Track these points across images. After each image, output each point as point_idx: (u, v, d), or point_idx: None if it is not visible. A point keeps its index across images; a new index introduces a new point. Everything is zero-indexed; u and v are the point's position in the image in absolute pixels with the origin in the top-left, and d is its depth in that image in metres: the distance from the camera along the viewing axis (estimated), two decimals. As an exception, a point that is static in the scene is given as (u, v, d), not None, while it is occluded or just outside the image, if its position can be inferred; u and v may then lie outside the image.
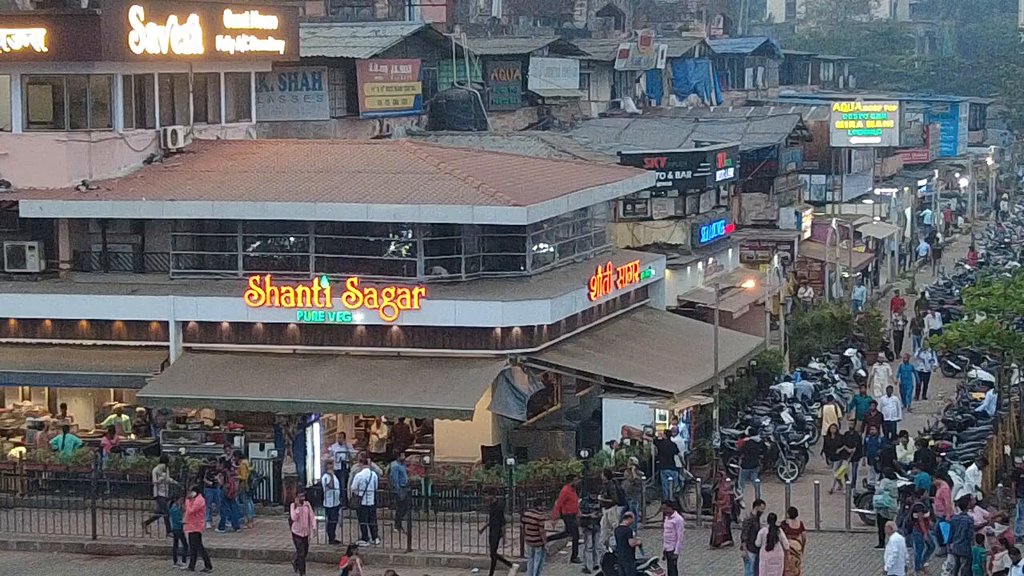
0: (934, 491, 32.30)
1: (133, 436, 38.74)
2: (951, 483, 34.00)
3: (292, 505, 31.88)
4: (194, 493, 32.49)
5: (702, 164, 50.66)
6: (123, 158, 40.04)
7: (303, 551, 31.20)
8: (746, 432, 39.19)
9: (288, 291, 36.51)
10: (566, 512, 32.07)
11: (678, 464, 36.06)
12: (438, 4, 62.59)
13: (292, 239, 38.33)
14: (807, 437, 39.54)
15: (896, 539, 29.19)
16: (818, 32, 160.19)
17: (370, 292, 36.17)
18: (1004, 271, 60.88)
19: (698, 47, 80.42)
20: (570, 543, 32.73)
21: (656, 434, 36.55)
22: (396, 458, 35.38)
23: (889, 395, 41.48)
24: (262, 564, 32.65)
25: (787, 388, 43.58)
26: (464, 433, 36.19)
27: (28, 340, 38.36)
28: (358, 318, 36.48)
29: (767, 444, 38.66)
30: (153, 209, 38.58)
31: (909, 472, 35.35)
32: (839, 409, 42.09)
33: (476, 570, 31.84)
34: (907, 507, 31.69)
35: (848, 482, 36.01)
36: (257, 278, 36.80)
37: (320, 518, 33.33)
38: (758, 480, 36.09)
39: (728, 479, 35.52)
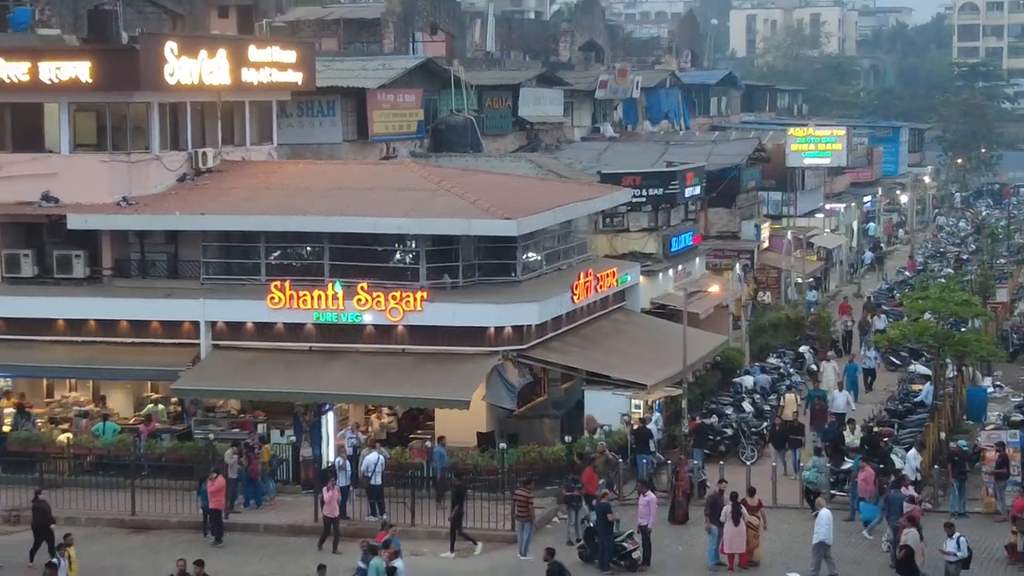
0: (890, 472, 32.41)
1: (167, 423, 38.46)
2: (890, 467, 34.06)
3: (324, 488, 31.67)
4: (214, 474, 32.37)
5: (672, 182, 50.82)
6: (159, 177, 39.71)
7: (329, 530, 31.03)
8: (709, 419, 39.04)
9: (305, 295, 36.35)
10: (587, 490, 31.84)
11: (652, 448, 35.81)
12: (438, 40, 62.42)
13: (309, 248, 38.00)
14: (765, 424, 39.21)
15: (824, 512, 29.41)
16: (775, 65, 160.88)
17: (378, 296, 35.97)
18: (939, 277, 60.83)
19: (669, 78, 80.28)
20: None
21: (632, 423, 36.37)
22: (407, 443, 35.89)
23: (840, 390, 41.37)
24: (282, 537, 32.50)
25: (747, 381, 43.46)
26: (461, 421, 35.92)
27: (74, 338, 38.12)
28: (367, 319, 36.27)
29: (727, 430, 38.56)
30: (185, 222, 38.39)
31: (852, 457, 35.41)
32: (798, 397, 42.02)
33: (479, 546, 31.47)
34: (884, 487, 31.69)
35: (802, 464, 35.70)
36: (278, 283, 36.61)
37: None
38: (722, 462, 35.72)
39: (689, 462, 35.44)
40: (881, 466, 34.50)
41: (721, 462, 35.69)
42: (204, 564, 26.70)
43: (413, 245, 37.33)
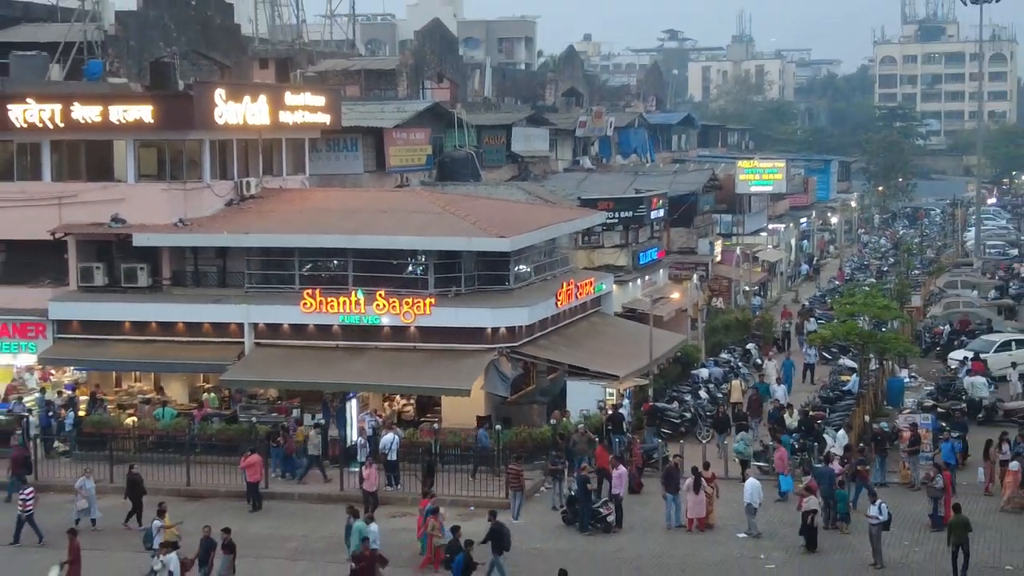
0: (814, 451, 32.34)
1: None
2: (823, 444, 34.17)
3: (363, 466, 31.58)
4: (249, 452, 32.42)
5: (640, 206, 50.81)
6: (209, 202, 39.67)
7: (370, 502, 30.81)
8: (670, 404, 39.06)
9: (332, 300, 36.31)
10: (599, 465, 31.90)
11: (624, 429, 35.84)
12: (444, 88, 62.44)
13: (335, 262, 37.85)
14: (722, 407, 38.98)
15: (751, 480, 29.98)
16: (726, 108, 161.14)
17: (393, 301, 35.94)
18: (864, 286, 60.75)
19: (637, 119, 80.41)
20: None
21: (606, 408, 36.41)
22: (417, 424, 35.95)
23: (779, 384, 41.28)
24: (313, 504, 32.43)
25: (703, 373, 43.31)
26: (463, 407, 35.92)
27: (138, 337, 38.05)
28: (384, 321, 36.20)
29: (687, 414, 38.50)
30: (232, 240, 38.33)
31: (795, 435, 35.49)
32: (743, 383, 42.18)
33: (472, 508, 31.44)
34: (850, 461, 31.83)
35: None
36: (309, 291, 36.55)
37: (354, 470, 33.20)
38: (681, 441, 35.53)
39: (646, 436, 35.94)
40: (815, 443, 34.78)
41: (681, 441, 35.57)
42: (231, 531, 26.33)
43: (423, 259, 37.17)
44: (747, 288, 61.65)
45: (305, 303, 36.39)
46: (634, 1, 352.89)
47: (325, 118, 44.41)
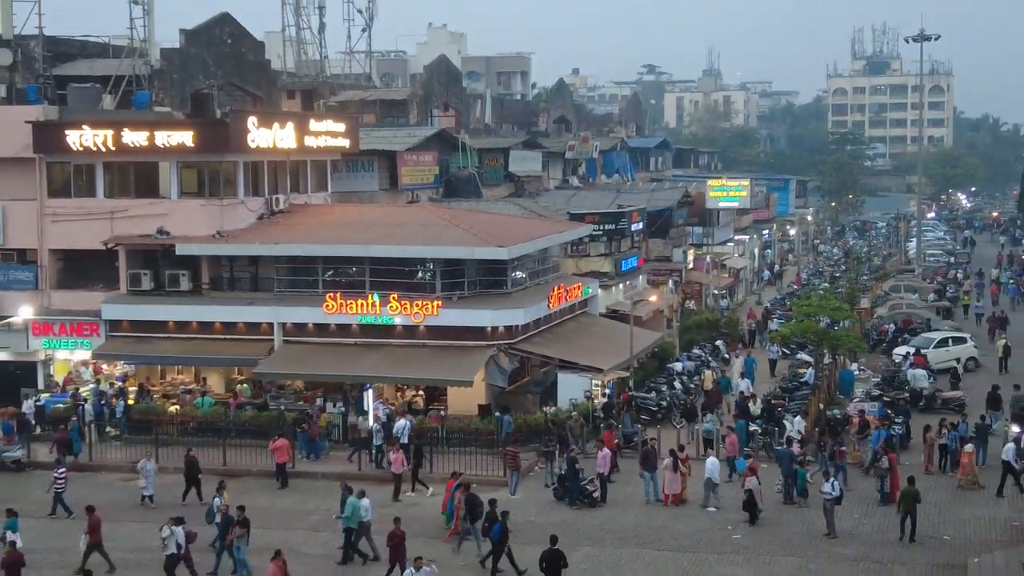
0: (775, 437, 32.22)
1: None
2: (783, 429, 34.14)
3: (391, 451, 31.39)
4: (277, 436, 32.45)
5: (622, 220, 51.02)
6: (243, 216, 39.73)
7: (399, 481, 30.59)
8: (648, 393, 39.07)
9: (351, 303, 36.42)
10: (608, 446, 31.80)
11: (613, 416, 35.95)
12: (449, 116, 62.39)
13: (354, 268, 37.89)
14: (691, 398, 39.03)
15: (711, 459, 30.21)
16: (697, 134, 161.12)
17: (405, 303, 36.05)
18: (818, 290, 60.72)
19: (619, 143, 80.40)
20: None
21: (592, 398, 36.63)
22: (426, 412, 35.98)
23: (743, 378, 41.11)
24: (334, 482, 31.72)
25: (678, 366, 43.32)
26: (467, 396, 36.03)
27: (181, 335, 38.08)
28: (397, 320, 36.29)
29: (663, 402, 38.51)
30: (263, 249, 38.38)
31: (758, 421, 35.57)
32: (713, 374, 42.36)
33: (474, 486, 31.28)
34: (824, 444, 31.72)
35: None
36: (331, 294, 36.68)
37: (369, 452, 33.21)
38: (658, 426, 35.55)
39: (623, 418, 35.83)
40: (776, 428, 34.78)
41: (657, 426, 35.60)
42: (245, 508, 25.63)
43: (430, 266, 37.28)
44: (716, 292, 61.75)
45: (327, 305, 36.49)
46: (617, 39, 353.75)
47: (345, 142, 44.50)
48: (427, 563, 22.76)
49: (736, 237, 73.05)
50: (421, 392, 38.21)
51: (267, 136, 39.65)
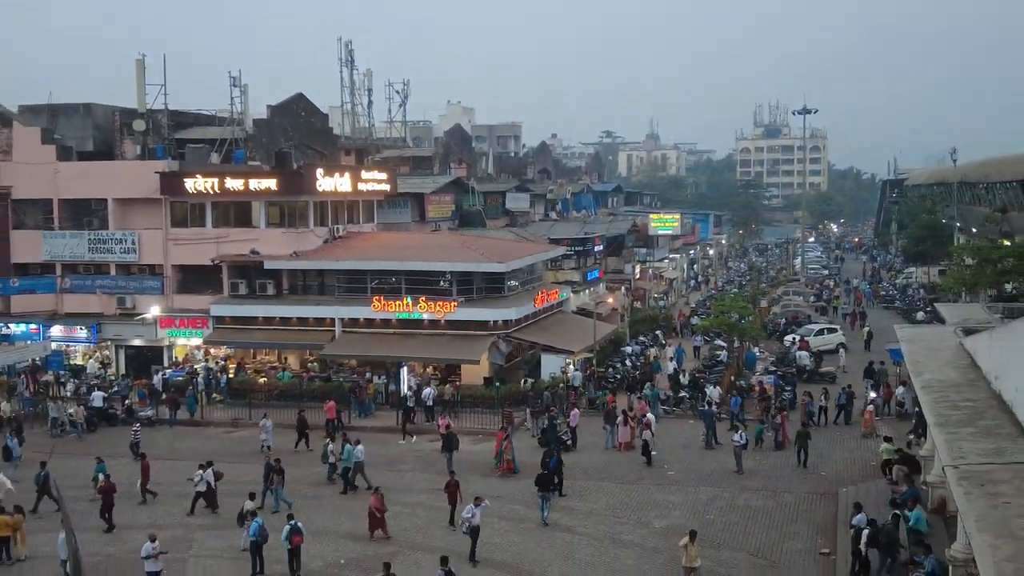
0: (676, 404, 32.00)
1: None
2: (705, 394, 33.96)
3: (440, 417, 30.75)
4: (330, 402, 32.02)
5: (588, 243, 51.39)
6: (313, 241, 39.71)
7: (448, 442, 28.25)
8: (605, 369, 39.00)
9: (391, 303, 36.46)
10: (610, 403, 31.51)
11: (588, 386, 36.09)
12: (462, 168, 62.21)
13: (393, 278, 37.80)
14: (637, 373, 38.89)
15: (649, 414, 29.85)
16: (642, 180, 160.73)
17: (430, 303, 36.06)
18: (730, 294, 60.76)
19: (585, 188, 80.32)
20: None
21: (565, 372, 36.41)
22: (446, 382, 35.50)
23: (671, 361, 40.82)
24: (379, 434, 32.07)
25: (628, 349, 43.25)
26: (475, 371, 36.01)
27: (267, 327, 38.06)
28: (425, 316, 36.25)
29: (617, 376, 38.27)
30: (328, 265, 38.31)
31: (686, 389, 35.56)
32: (658, 352, 42.63)
33: (480, 436, 31.27)
34: (769, 411, 31.24)
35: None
36: (377, 297, 36.71)
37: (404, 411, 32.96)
38: (615, 393, 35.39)
39: (589, 390, 35.65)
40: (700, 394, 34.70)
41: (614, 393, 35.50)
42: (280, 460, 24.51)
43: (449, 276, 37.23)
44: (656, 295, 61.71)
45: (374, 305, 36.54)
46: (583, 112, 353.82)
47: (387, 187, 44.46)
48: (483, 501, 21.00)
49: (670, 255, 73.03)
50: (439, 368, 37.94)
51: (330, 182, 39.66)
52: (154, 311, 39.28)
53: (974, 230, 58.86)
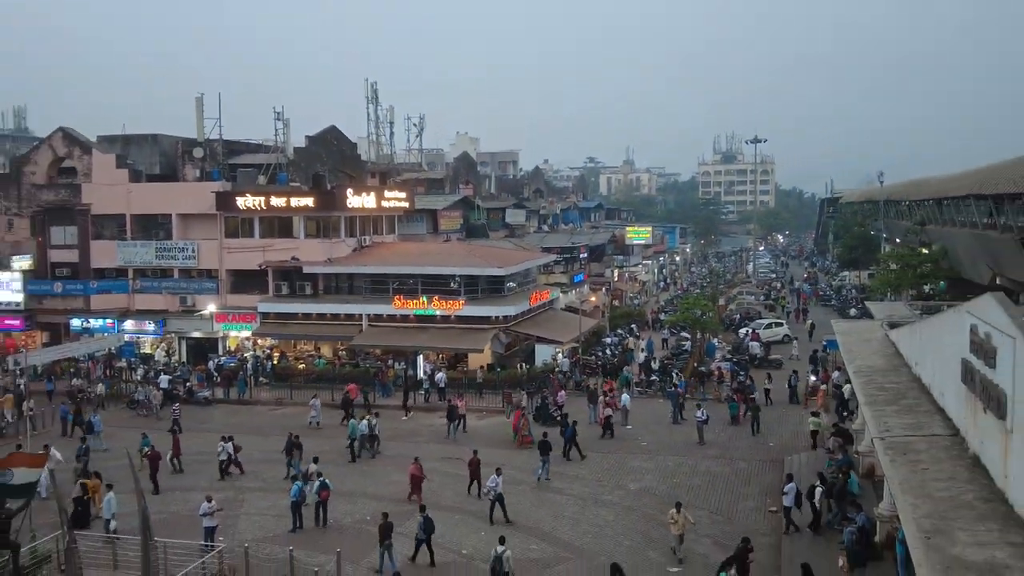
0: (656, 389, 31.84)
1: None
2: (672, 378, 33.78)
3: (458, 399, 29.80)
4: (351, 383, 31.90)
5: (574, 251, 51.39)
6: (344, 249, 39.62)
7: (451, 413, 28.01)
8: (588, 356, 38.83)
9: (410, 301, 36.28)
10: (608, 386, 31.36)
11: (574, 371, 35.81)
12: (469, 187, 62.21)
13: (411, 280, 37.70)
14: (615, 360, 38.80)
15: (625, 395, 29.72)
16: (620, 199, 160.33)
17: (442, 302, 35.92)
18: (693, 295, 60.68)
19: (572, 205, 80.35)
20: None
21: (556, 359, 36.32)
22: (455, 367, 35.26)
23: (642, 352, 40.38)
24: (395, 411, 31.77)
25: (608, 340, 42.97)
26: (479, 358, 35.81)
27: (305, 321, 37.84)
28: (437, 313, 36.12)
29: (598, 363, 38.03)
30: (357, 269, 38.27)
31: (656, 373, 35.25)
32: (631, 342, 42.12)
33: (484, 413, 31.21)
34: (736, 391, 30.89)
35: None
36: (398, 297, 36.57)
37: (422, 393, 32.77)
38: (596, 377, 35.38)
39: (572, 374, 35.17)
40: (668, 378, 34.54)
41: (596, 376, 35.51)
42: (299, 436, 24.37)
43: (458, 279, 37.11)
44: (631, 295, 61.57)
45: (395, 303, 36.37)
46: (570, 139, 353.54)
47: (406, 204, 44.40)
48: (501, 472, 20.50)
49: (643, 261, 73.02)
50: (448, 356, 37.85)
51: (358, 200, 39.64)
52: (211, 308, 39.22)
53: (898, 240, 58.83)
